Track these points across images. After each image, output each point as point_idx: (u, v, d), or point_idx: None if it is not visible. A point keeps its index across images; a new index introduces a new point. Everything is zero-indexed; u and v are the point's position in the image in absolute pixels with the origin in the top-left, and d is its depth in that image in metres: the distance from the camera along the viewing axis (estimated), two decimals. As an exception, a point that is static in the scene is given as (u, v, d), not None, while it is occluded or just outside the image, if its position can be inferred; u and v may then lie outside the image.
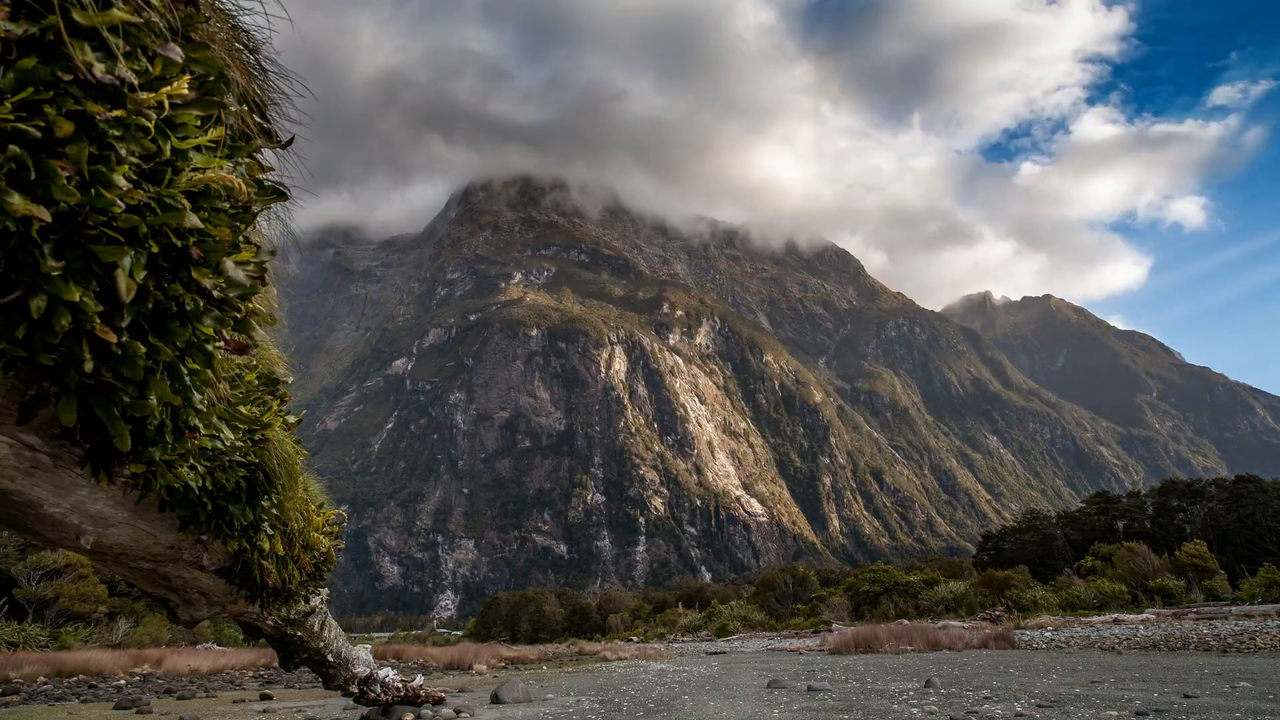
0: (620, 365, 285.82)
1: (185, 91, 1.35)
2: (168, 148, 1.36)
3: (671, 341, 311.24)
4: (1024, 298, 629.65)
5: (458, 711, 6.77)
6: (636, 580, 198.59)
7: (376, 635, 66.47)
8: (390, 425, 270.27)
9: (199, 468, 2.27)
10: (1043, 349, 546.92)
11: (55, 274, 1.18)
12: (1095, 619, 22.25)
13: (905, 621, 24.68)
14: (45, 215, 1.12)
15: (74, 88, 1.14)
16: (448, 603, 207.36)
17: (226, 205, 1.50)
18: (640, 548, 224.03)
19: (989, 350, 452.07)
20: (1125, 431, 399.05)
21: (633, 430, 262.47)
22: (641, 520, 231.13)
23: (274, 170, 1.81)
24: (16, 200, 1.09)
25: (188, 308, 1.47)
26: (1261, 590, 24.15)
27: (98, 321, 1.27)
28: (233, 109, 1.74)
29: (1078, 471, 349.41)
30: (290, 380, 2.94)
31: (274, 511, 3.18)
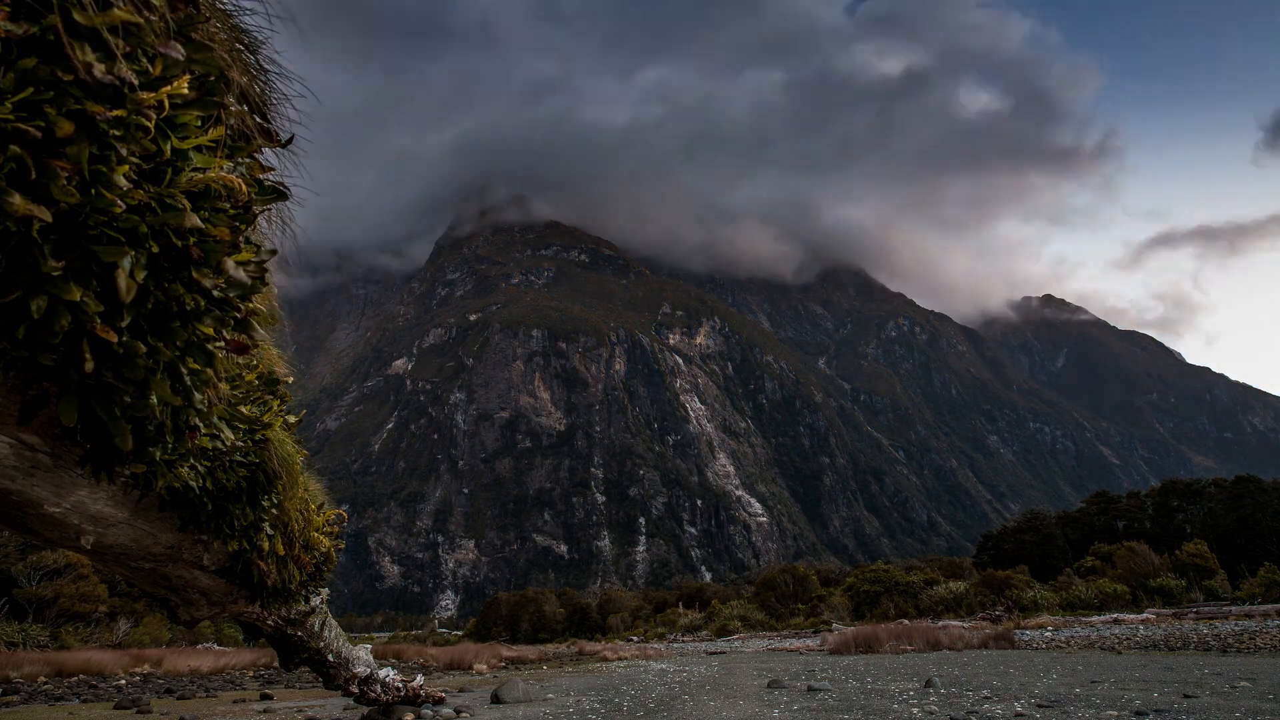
0: (620, 365, 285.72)
1: (185, 91, 1.35)
2: (168, 148, 1.36)
3: (671, 341, 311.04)
4: (1024, 298, 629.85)
5: (458, 711, 6.78)
6: (637, 580, 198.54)
7: (376, 635, 66.42)
8: (390, 425, 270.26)
9: (199, 468, 2.27)
10: (1043, 349, 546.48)
11: (56, 274, 1.19)
12: (1095, 619, 22.26)
13: (905, 621, 24.71)
14: (46, 215, 1.12)
15: (74, 88, 1.14)
16: (448, 603, 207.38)
17: (227, 205, 1.50)
18: (640, 548, 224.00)
19: (989, 350, 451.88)
20: (1125, 431, 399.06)
21: (633, 430, 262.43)
22: (641, 520, 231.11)
23: (274, 170, 1.81)
24: (17, 200, 1.09)
25: (188, 307, 1.47)
26: (1261, 590, 24.16)
27: (98, 321, 1.27)
28: (233, 109, 1.74)
29: (1078, 471, 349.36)
30: (290, 380, 2.94)
31: (274, 511, 3.18)
